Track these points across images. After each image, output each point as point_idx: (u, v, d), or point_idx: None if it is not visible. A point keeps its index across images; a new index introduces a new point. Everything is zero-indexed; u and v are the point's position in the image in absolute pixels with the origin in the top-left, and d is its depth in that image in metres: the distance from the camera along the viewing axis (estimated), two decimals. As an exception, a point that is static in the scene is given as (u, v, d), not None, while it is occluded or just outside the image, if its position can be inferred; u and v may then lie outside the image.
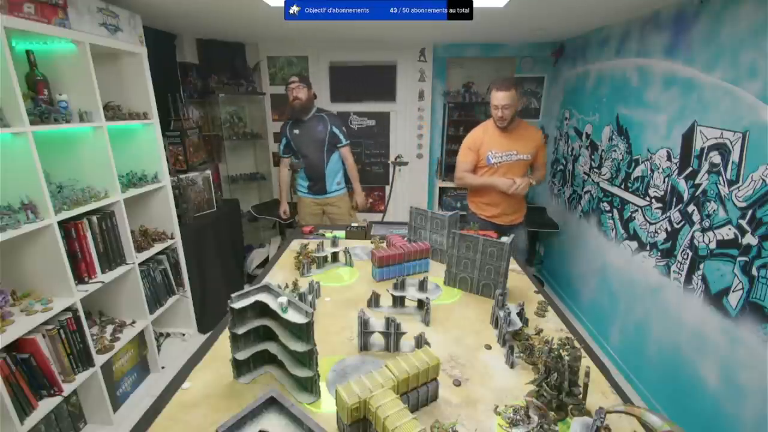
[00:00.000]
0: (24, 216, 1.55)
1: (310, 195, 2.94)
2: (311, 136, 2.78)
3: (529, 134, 2.43)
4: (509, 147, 2.40)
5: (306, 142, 2.80)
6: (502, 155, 2.41)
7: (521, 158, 2.40)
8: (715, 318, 1.73)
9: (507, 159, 2.41)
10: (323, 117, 2.80)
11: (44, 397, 1.65)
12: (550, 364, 0.99)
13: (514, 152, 2.40)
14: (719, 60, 1.75)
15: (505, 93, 2.22)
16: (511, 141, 2.40)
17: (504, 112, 2.27)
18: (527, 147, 2.40)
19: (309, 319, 0.99)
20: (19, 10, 1.52)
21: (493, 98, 2.28)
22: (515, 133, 2.40)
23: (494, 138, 2.43)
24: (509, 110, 2.26)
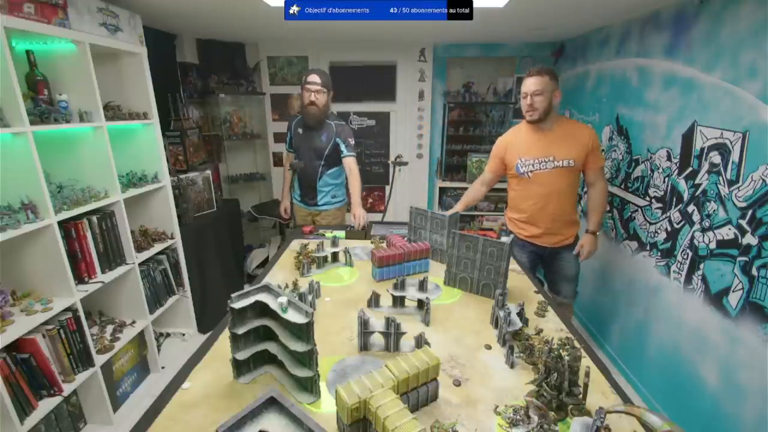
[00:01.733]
0: (24, 216, 1.55)
1: (301, 204, 2.72)
2: (312, 144, 2.51)
3: (573, 133, 1.97)
4: (543, 151, 1.97)
5: (305, 147, 2.54)
6: (533, 162, 1.99)
7: (559, 165, 1.96)
8: (715, 318, 1.73)
9: (541, 167, 1.98)
10: (331, 126, 2.49)
11: (44, 397, 1.65)
12: (550, 364, 0.99)
13: (549, 158, 1.96)
14: (719, 60, 1.75)
15: (535, 78, 1.90)
16: (547, 143, 1.97)
17: (534, 100, 1.90)
18: (569, 150, 1.95)
19: (309, 319, 0.99)
20: (19, 10, 1.52)
21: (522, 86, 1.95)
22: (553, 133, 1.97)
23: (525, 141, 2.03)
24: (540, 99, 1.89)
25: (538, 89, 1.90)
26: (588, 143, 1.96)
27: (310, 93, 2.32)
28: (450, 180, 3.88)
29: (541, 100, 1.91)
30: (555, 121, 2.00)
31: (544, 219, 2.07)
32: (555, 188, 2.00)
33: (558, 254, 2.17)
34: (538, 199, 2.06)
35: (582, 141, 1.97)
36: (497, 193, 3.87)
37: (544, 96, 1.90)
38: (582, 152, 1.97)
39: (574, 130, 1.99)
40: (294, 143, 2.62)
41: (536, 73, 1.92)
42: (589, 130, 2.01)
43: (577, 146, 1.96)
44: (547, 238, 2.11)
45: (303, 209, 2.74)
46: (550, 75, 1.92)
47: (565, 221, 2.08)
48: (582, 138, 1.97)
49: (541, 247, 2.13)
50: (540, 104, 1.91)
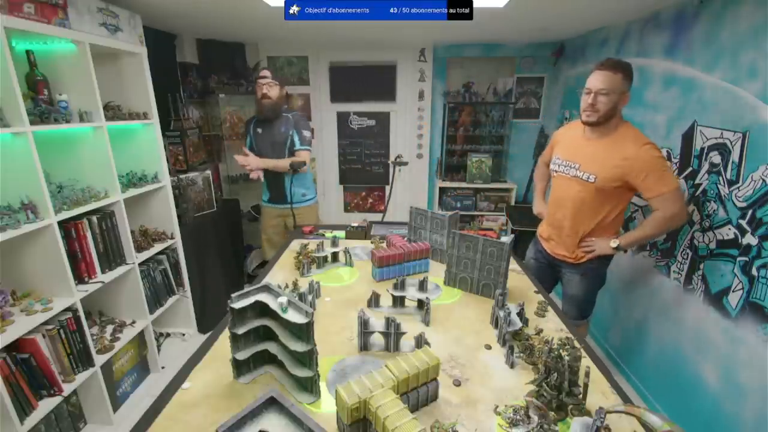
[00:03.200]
0: (24, 216, 1.55)
1: (270, 204, 2.70)
2: (272, 138, 2.54)
3: (617, 148, 1.64)
4: (575, 156, 1.77)
5: (266, 144, 2.55)
6: (561, 163, 1.84)
7: (579, 176, 1.73)
8: (715, 318, 1.73)
9: (564, 171, 1.81)
10: (289, 118, 2.55)
11: (44, 397, 1.65)
12: (550, 364, 0.99)
13: (575, 165, 1.75)
14: (719, 60, 1.75)
15: (604, 73, 1.60)
16: (585, 150, 1.74)
17: (597, 100, 1.61)
18: (599, 165, 1.67)
19: (309, 319, 0.99)
20: (19, 10, 1.52)
21: (588, 79, 1.65)
22: (598, 142, 1.71)
23: (572, 139, 1.85)
24: (604, 99, 1.60)
25: (605, 88, 1.59)
26: (628, 164, 1.62)
27: (262, 86, 2.43)
28: (450, 180, 3.88)
29: (605, 102, 1.61)
30: (612, 129, 1.69)
31: (552, 224, 1.96)
32: (568, 197, 1.82)
33: (561, 268, 1.97)
34: (553, 202, 1.95)
35: (621, 161, 1.63)
36: (497, 193, 3.88)
37: (610, 97, 1.60)
38: (614, 172, 1.65)
39: (625, 146, 1.64)
40: (254, 144, 2.61)
41: (608, 68, 1.60)
42: (640, 149, 1.61)
43: (611, 164, 1.65)
44: (551, 245, 1.97)
45: (273, 210, 2.70)
46: (624, 73, 1.60)
47: (569, 237, 1.86)
48: (624, 157, 1.62)
49: (546, 252, 2.00)
50: (603, 106, 1.62)
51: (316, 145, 4.12)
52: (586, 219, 1.80)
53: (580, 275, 1.89)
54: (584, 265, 1.86)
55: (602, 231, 1.81)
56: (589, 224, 1.81)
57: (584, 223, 1.81)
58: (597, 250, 1.81)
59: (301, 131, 2.56)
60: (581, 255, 1.85)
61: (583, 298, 1.95)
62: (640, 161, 1.61)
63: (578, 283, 1.91)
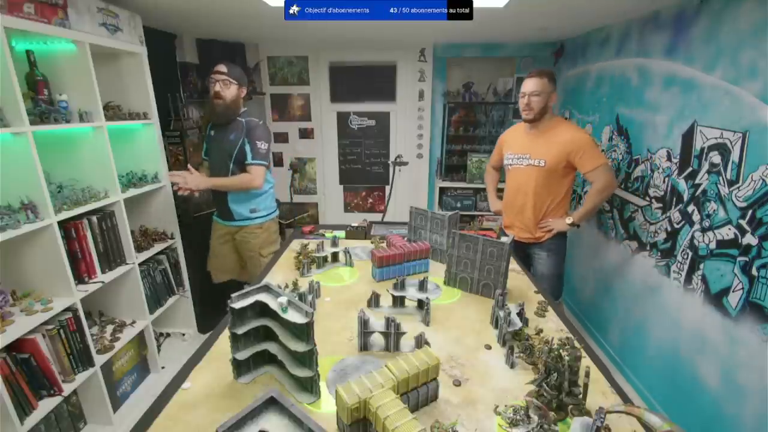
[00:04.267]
0: (24, 216, 1.55)
1: (218, 219, 2.35)
2: (220, 145, 2.16)
3: (555, 136, 2.03)
4: (523, 149, 2.11)
5: (215, 149, 2.20)
6: (513, 157, 2.16)
7: (532, 164, 2.07)
8: (715, 318, 1.73)
9: (517, 162, 2.13)
10: (241, 124, 2.13)
11: (44, 397, 1.65)
12: (550, 364, 0.99)
13: (526, 155, 2.09)
14: (719, 60, 1.75)
15: (535, 79, 2.00)
16: (530, 142, 2.10)
17: (531, 100, 1.99)
18: (545, 151, 2.02)
19: (309, 319, 0.99)
20: (19, 10, 1.52)
21: (522, 86, 2.05)
22: (540, 135, 2.08)
23: (517, 137, 2.20)
24: (537, 100, 1.99)
25: (536, 90, 1.99)
26: (567, 148, 1.99)
27: (215, 83, 2.04)
28: (450, 180, 3.88)
29: (537, 101, 2.00)
30: (549, 123, 2.08)
31: (513, 211, 2.23)
32: (525, 184, 2.12)
33: (529, 250, 2.26)
34: (511, 191, 2.23)
35: (560, 145, 2.00)
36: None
37: (541, 97, 2.00)
38: (558, 155, 2.00)
39: (560, 133, 2.03)
40: (207, 146, 2.28)
41: (536, 75, 2.01)
42: (574, 135, 2.01)
43: (554, 149, 2.01)
44: (516, 231, 2.24)
45: (221, 226, 2.34)
46: (549, 77, 2.01)
47: (531, 219, 2.16)
48: (561, 142, 2.00)
49: (518, 240, 2.23)
50: (536, 104, 2.00)
51: (316, 145, 4.13)
52: (543, 199, 2.12)
53: (546, 252, 2.19)
54: (547, 243, 2.17)
55: (555, 211, 2.14)
56: (546, 203, 2.13)
57: (542, 203, 2.13)
58: (555, 228, 2.12)
59: (255, 142, 2.10)
60: (542, 234, 2.16)
61: (554, 273, 2.23)
62: (576, 143, 1.99)
63: (546, 260, 2.20)
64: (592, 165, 1.98)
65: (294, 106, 4.01)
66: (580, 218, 2.10)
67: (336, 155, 4.20)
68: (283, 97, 3.99)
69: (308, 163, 4.19)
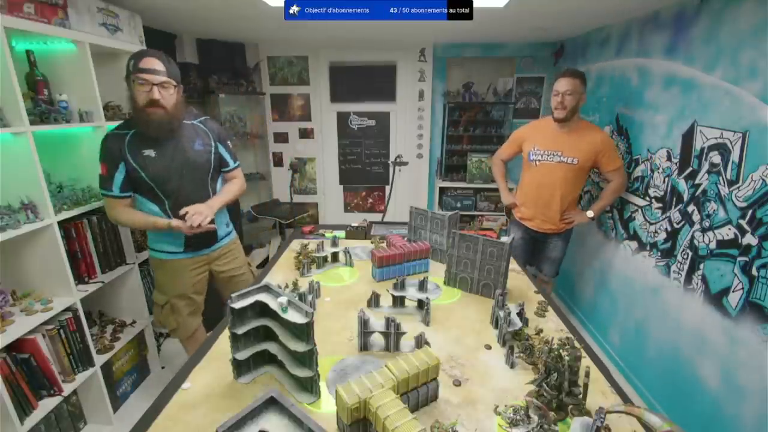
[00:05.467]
0: (24, 216, 1.55)
1: (187, 254, 1.78)
2: (185, 160, 1.64)
3: (585, 136, 2.16)
4: (554, 146, 2.21)
5: (174, 170, 1.62)
6: (543, 153, 2.24)
7: (564, 161, 2.18)
8: (715, 318, 1.73)
9: (547, 159, 2.23)
10: (197, 128, 1.71)
11: (44, 397, 1.65)
12: (550, 364, 0.99)
13: (557, 152, 2.19)
14: (719, 60, 1.75)
15: (568, 79, 2.10)
16: (560, 140, 2.20)
17: (565, 99, 2.09)
18: (577, 150, 2.16)
19: (309, 319, 0.99)
20: (19, 10, 1.52)
21: (555, 84, 2.15)
22: (569, 133, 2.20)
23: (543, 133, 2.28)
24: (570, 99, 2.09)
25: (569, 89, 2.09)
26: (597, 148, 2.15)
27: (150, 87, 1.48)
28: (450, 180, 3.88)
29: (570, 100, 2.10)
30: (576, 123, 2.21)
31: (539, 204, 2.33)
32: (554, 180, 2.24)
33: (547, 239, 2.43)
34: (538, 186, 2.32)
35: (591, 145, 2.16)
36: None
37: (573, 96, 2.10)
38: (588, 154, 2.16)
39: (588, 133, 2.19)
40: (146, 176, 1.59)
41: (570, 75, 2.12)
42: (602, 136, 2.20)
43: (585, 148, 2.16)
44: (537, 223, 2.37)
45: (189, 261, 1.80)
46: (582, 79, 2.13)
47: (557, 212, 2.30)
48: (592, 142, 2.16)
49: (532, 230, 2.40)
50: (569, 103, 2.11)
51: (316, 145, 4.13)
52: (566, 194, 2.28)
53: (562, 240, 2.43)
54: (564, 233, 2.41)
55: (572, 205, 2.34)
56: (569, 198, 2.29)
57: (568, 197, 2.29)
58: (576, 221, 2.32)
59: (227, 143, 1.80)
60: (563, 226, 2.35)
61: (561, 256, 2.50)
62: (605, 144, 2.17)
63: (560, 247, 2.44)
64: (615, 165, 2.20)
65: (294, 106, 4.01)
66: (598, 212, 2.32)
67: (336, 155, 4.20)
68: (283, 97, 3.99)
69: (308, 163, 4.20)
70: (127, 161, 1.57)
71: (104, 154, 1.58)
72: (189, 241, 1.75)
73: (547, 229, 2.36)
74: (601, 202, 2.31)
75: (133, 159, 1.57)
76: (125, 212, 1.64)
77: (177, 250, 1.76)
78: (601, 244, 2.77)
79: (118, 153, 1.57)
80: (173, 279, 1.80)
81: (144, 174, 1.59)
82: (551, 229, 2.36)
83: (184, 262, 1.79)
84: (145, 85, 1.49)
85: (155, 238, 1.77)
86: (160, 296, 1.85)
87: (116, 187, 1.60)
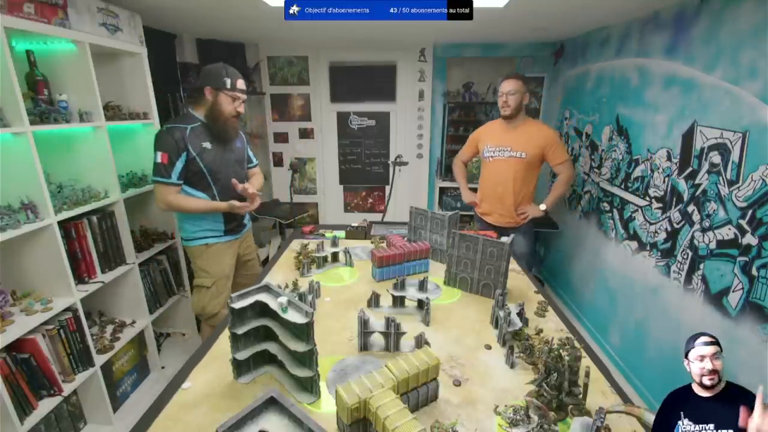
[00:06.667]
0: (24, 216, 1.55)
1: (227, 237, 2.01)
2: (232, 155, 1.96)
3: (532, 131, 2.34)
4: (504, 142, 2.37)
5: (227, 163, 1.92)
6: (494, 149, 2.40)
7: (514, 155, 2.34)
8: (715, 318, 1.73)
9: (499, 154, 2.39)
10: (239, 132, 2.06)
11: (44, 397, 1.65)
12: (550, 364, 0.99)
13: (507, 148, 2.35)
14: (719, 60, 1.75)
15: (510, 80, 2.27)
16: (509, 136, 2.36)
17: (508, 98, 2.27)
18: (526, 144, 2.32)
19: (309, 319, 0.99)
20: (19, 10, 1.52)
21: (500, 86, 2.32)
22: (518, 130, 2.35)
23: (494, 132, 2.44)
24: (513, 98, 2.26)
25: (511, 89, 2.27)
26: (543, 142, 2.31)
27: (240, 102, 1.86)
28: (450, 180, 3.88)
29: (513, 100, 2.27)
30: (522, 121, 2.37)
31: (494, 199, 2.45)
32: (506, 174, 2.37)
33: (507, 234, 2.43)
34: (492, 181, 2.45)
35: (538, 140, 2.31)
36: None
37: (516, 97, 2.27)
38: (536, 149, 2.31)
39: (535, 130, 2.35)
40: (204, 167, 1.84)
41: (512, 77, 2.30)
42: (547, 131, 2.36)
43: (533, 142, 2.31)
44: (496, 218, 2.48)
45: (228, 243, 2.03)
46: (523, 80, 2.30)
47: (511, 205, 2.41)
48: (539, 137, 2.31)
49: (492, 225, 2.49)
50: (513, 103, 2.28)
51: (316, 145, 4.14)
52: (521, 188, 2.39)
53: (522, 235, 2.45)
54: (522, 227, 2.47)
55: (527, 200, 2.44)
56: (522, 192, 2.40)
57: (520, 191, 2.40)
58: (530, 214, 2.42)
59: (249, 144, 2.20)
60: (519, 220, 2.44)
61: (528, 251, 2.57)
62: (551, 137, 2.33)
63: (522, 241, 2.48)
64: (562, 158, 2.35)
65: (294, 106, 4.01)
66: (551, 204, 2.43)
67: (336, 155, 4.20)
68: (283, 97, 3.99)
69: (308, 163, 4.20)
70: (189, 151, 1.79)
71: (166, 145, 1.77)
72: (227, 226, 1.99)
73: (506, 223, 2.46)
74: (553, 194, 2.42)
75: (194, 149, 1.81)
76: (180, 198, 1.84)
77: (218, 234, 1.98)
78: (601, 244, 2.77)
79: (183, 144, 1.78)
80: (217, 261, 1.99)
81: (202, 163, 1.83)
82: (509, 223, 2.45)
83: (225, 246, 2.02)
84: (236, 101, 1.84)
85: (196, 227, 1.94)
86: (207, 280, 1.97)
87: (175, 174, 1.80)
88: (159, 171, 1.77)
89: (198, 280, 2.00)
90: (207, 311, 1.98)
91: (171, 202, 1.81)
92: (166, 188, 1.79)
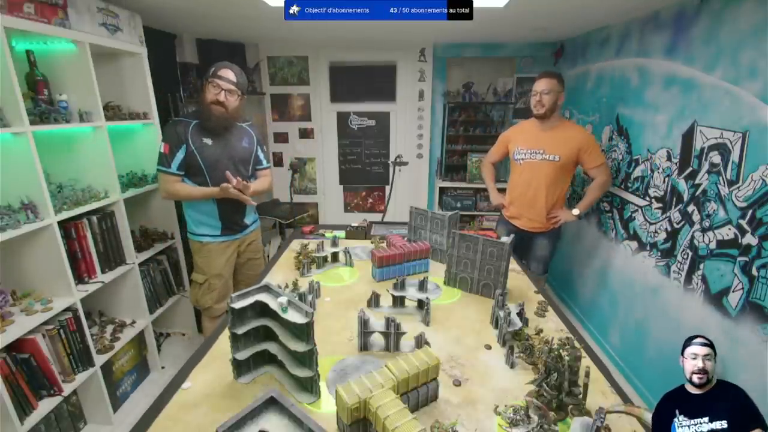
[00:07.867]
0: (24, 216, 1.55)
1: (222, 238, 2.04)
2: (232, 153, 1.96)
3: (567, 134, 2.21)
4: (536, 144, 2.25)
5: (223, 159, 1.92)
6: (526, 152, 2.29)
7: (546, 158, 2.22)
8: (715, 318, 1.73)
9: (530, 157, 2.27)
10: (248, 130, 2.05)
11: (44, 397, 1.65)
12: (550, 364, 0.99)
13: (540, 150, 2.23)
14: (719, 60, 1.75)
15: (545, 79, 2.18)
16: (542, 138, 2.25)
17: (543, 98, 2.17)
18: (559, 147, 2.19)
19: (309, 319, 0.99)
20: (19, 10, 1.52)
21: (534, 85, 2.23)
22: (551, 132, 2.24)
23: (525, 134, 2.34)
24: (548, 97, 2.16)
25: (545, 89, 2.17)
26: (579, 145, 2.20)
27: (219, 90, 1.81)
28: (450, 180, 3.88)
29: (548, 99, 2.17)
30: (556, 121, 2.26)
31: (525, 203, 2.36)
32: (538, 177, 2.27)
33: (533, 238, 2.42)
34: (523, 184, 2.35)
35: (573, 142, 2.20)
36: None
37: (550, 95, 2.17)
38: (571, 152, 2.20)
39: (570, 131, 2.24)
40: (200, 159, 1.88)
41: (547, 75, 2.21)
42: (583, 133, 2.26)
43: (567, 145, 2.20)
44: (524, 221, 2.39)
45: (224, 244, 2.06)
46: (558, 79, 2.21)
47: (543, 210, 2.32)
48: (574, 139, 2.20)
49: (519, 229, 2.40)
50: (547, 102, 2.18)
51: (316, 145, 4.13)
52: (554, 192, 2.30)
53: (548, 239, 2.42)
54: (551, 231, 2.40)
55: (559, 204, 2.35)
56: (555, 196, 2.31)
57: (553, 195, 2.31)
58: (563, 219, 2.33)
59: (263, 146, 2.15)
60: (550, 224, 2.35)
61: (550, 256, 2.49)
62: (586, 141, 2.21)
63: (547, 245, 2.43)
64: (597, 162, 2.22)
65: (294, 106, 4.02)
66: (584, 209, 2.34)
67: (336, 155, 4.20)
68: (283, 97, 3.99)
69: (308, 163, 4.20)
70: (188, 144, 1.87)
71: (170, 135, 1.87)
72: (224, 226, 2.04)
73: (534, 227, 2.38)
74: (587, 199, 2.32)
75: (193, 143, 1.87)
76: (180, 186, 1.92)
77: (215, 233, 2.04)
78: (601, 244, 2.77)
79: (184, 136, 1.87)
80: (211, 260, 2.06)
81: (200, 158, 1.89)
82: (538, 227, 2.37)
83: (220, 246, 2.06)
84: (215, 87, 1.83)
85: (197, 224, 2.03)
86: (199, 276, 2.09)
87: (174, 164, 1.88)
88: (161, 160, 1.88)
89: (193, 275, 2.13)
90: (200, 304, 2.12)
91: (169, 190, 1.92)
92: (167, 177, 1.89)
